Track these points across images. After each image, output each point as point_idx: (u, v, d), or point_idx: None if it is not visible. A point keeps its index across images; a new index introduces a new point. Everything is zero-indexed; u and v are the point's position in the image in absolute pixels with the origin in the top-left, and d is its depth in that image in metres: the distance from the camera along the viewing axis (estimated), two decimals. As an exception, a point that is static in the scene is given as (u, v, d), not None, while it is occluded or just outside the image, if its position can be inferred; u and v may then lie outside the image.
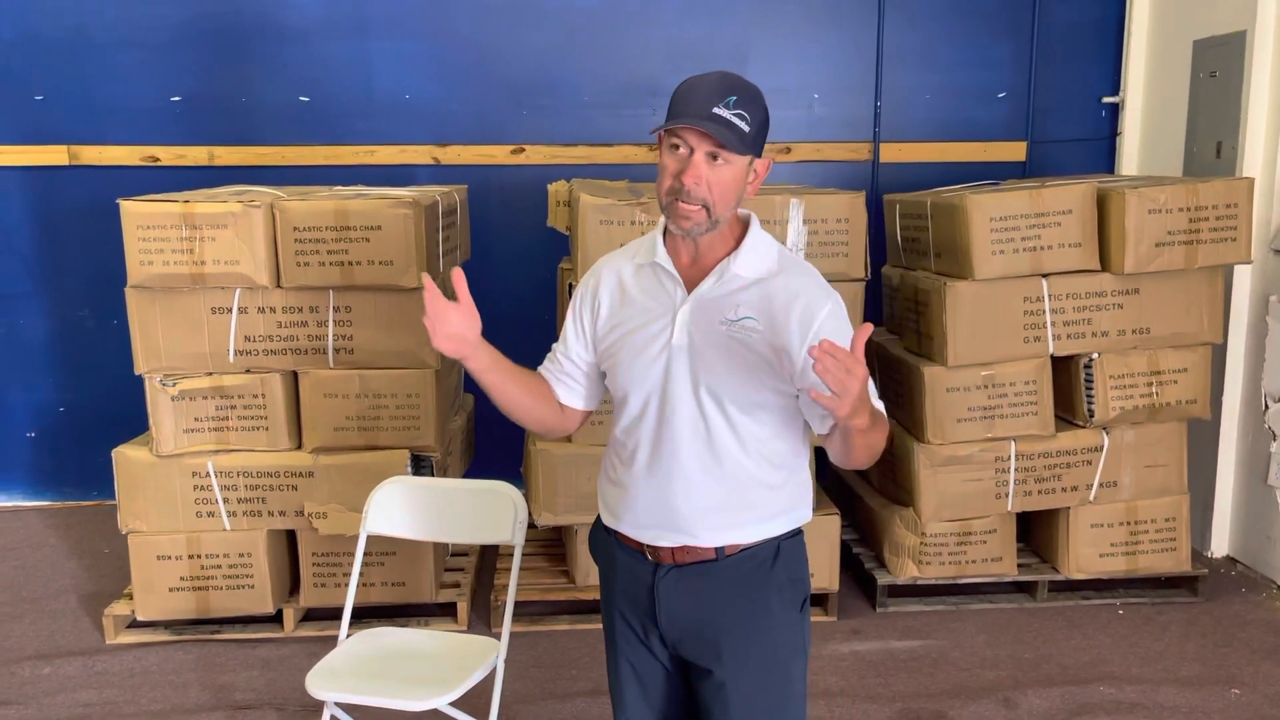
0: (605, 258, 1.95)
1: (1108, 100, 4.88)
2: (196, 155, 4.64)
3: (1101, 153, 4.93)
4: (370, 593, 3.54)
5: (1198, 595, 3.83)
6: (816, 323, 1.73)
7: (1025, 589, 3.86)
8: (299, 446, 3.50)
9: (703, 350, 1.76)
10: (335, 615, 2.82)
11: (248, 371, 3.42)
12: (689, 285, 1.80)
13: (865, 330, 1.56)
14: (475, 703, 2.66)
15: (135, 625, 3.58)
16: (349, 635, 2.65)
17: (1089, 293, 3.60)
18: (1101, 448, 3.71)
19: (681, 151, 1.70)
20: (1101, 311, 3.62)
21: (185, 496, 3.44)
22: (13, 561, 4.23)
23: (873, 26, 4.75)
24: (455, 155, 4.71)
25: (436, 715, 2.46)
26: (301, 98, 4.65)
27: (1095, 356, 3.65)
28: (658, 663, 1.91)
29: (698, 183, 1.69)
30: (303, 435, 3.50)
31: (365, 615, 3.45)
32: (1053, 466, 3.69)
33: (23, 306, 4.76)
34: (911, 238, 4.00)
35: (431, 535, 2.74)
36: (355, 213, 3.34)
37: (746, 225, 1.82)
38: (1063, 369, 3.74)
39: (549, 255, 4.30)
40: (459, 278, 1.78)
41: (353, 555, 2.72)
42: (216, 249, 3.30)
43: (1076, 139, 4.90)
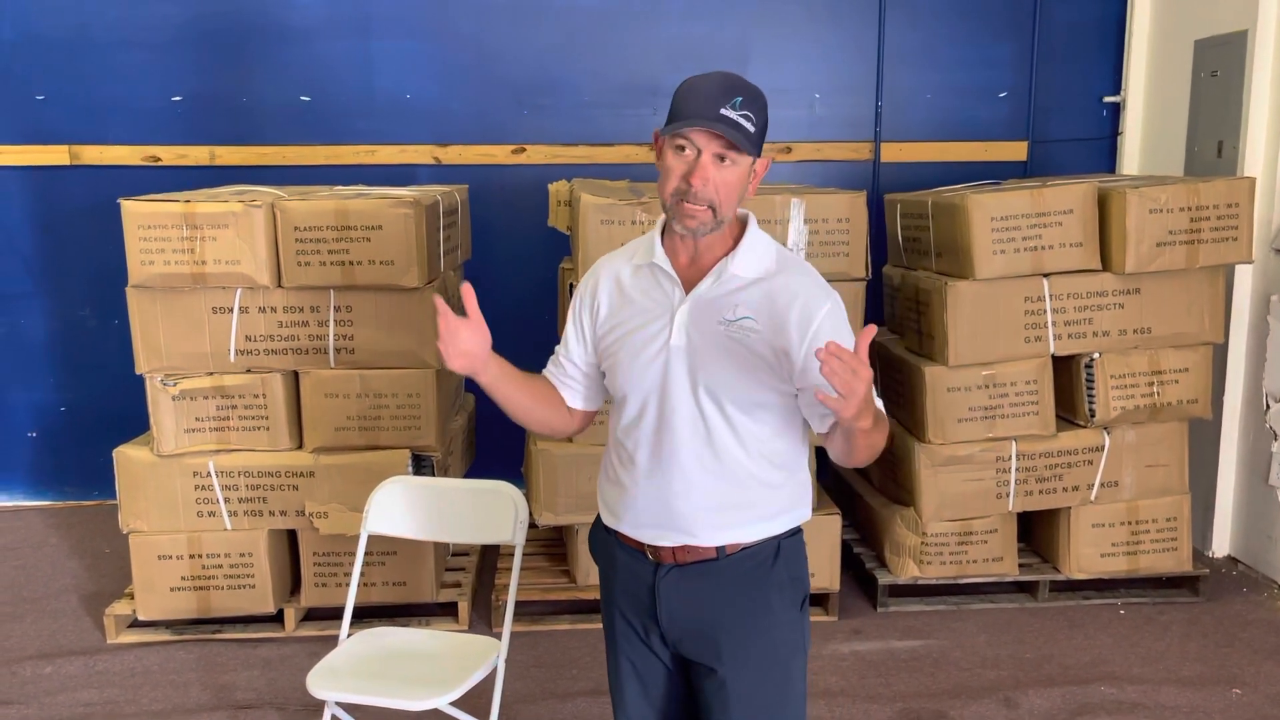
0: (604, 258, 1.96)
1: (1109, 100, 4.88)
2: (197, 155, 4.64)
3: (1102, 152, 4.92)
4: (371, 592, 3.55)
5: (1199, 595, 3.83)
6: (815, 322, 1.73)
7: (1026, 589, 3.85)
8: (300, 446, 3.50)
9: (701, 350, 1.76)
10: (336, 615, 2.82)
11: (248, 371, 3.42)
12: (687, 285, 1.79)
13: (869, 332, 1.56)
14: (476, 702, 2.66)
15: (136, 625, 3.58)
16: (350, 635, 2.65)
17: (1090, 292, 3.60)
18: (1102, 447, 3.71)
19: (688, 153, 1.70)
20: (1102, 311, 3.61)
21: (186, 496, 3.45)
22: (14, 561, 4.24)
23: (874, 26, 4.75)
24: (456, 155, 4.71)
25: (437, 715, 2.46)
26: (302, 97, 4.65)
27: (1096, 356, 3.64)
28: (658, 662, 1.91)
29: (705, 184, 1.69)
30: (303, 435, 3.50)
31: (366, 615, 3.45)
32: (1054, 466, 3.69)
33: (24, 306, 4.76)
34: (912, 237, 4.00)
35: (432, 535, 2.74)
36: (356, 212, 3.34)
37: (744, 225, 1.82)
38: (1064, 369, 3.73)
39: (550, 255, 4.30)
40: (468, 293, 1.77)
41: (353, 555, 2.72)
42: (217, 249, 3.30)
43: (1077, 139, 4.90)
